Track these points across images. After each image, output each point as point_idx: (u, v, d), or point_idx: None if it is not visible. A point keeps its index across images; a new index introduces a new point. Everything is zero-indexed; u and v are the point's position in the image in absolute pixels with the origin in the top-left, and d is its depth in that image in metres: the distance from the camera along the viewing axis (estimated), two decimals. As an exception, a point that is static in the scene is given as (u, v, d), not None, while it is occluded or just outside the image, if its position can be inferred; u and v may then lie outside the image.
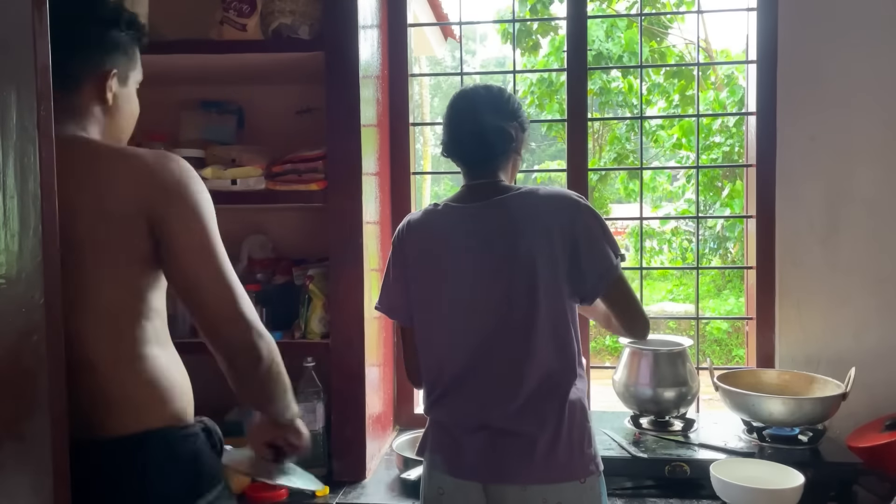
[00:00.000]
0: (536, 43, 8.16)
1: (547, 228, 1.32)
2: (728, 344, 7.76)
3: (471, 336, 1.35)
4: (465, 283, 1.35)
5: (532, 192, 1.37)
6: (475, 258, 1.35)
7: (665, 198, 9.83)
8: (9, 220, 0.74)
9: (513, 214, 1.34)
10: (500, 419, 1.31)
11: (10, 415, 0.76)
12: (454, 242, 1.37)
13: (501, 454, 1.30)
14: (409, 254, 1.42)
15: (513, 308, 1.32)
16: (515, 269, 1.32)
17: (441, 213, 1.41)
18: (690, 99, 7.65)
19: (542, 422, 1.30)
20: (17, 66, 0.78)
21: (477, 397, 1.34)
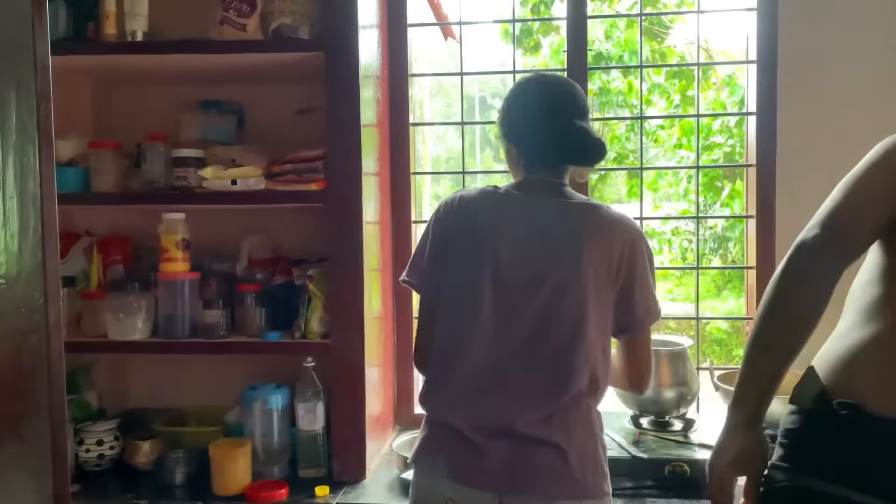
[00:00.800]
0: (538, 43, 8.16)
1: (611, 248, 1.29)
2: (728, 344, 7.75)
3: (507, 335, 1.28)
4: (515, 277, 1.28)
5: (598, 206, 1.34)
6: (528, 254, 1.29)
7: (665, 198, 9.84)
8: (9, 220, 0.74)
9: (579, 223, 1.30)
10: (527, 427, 1.24)
11: (10, 415, 0.76)
12: (510, 230, 1.30)
13: (527, 465, 1.23)
14: (453, 228, 1.34)
15: (559, 315, 1.26)
16: (572, 276, 1.27)
17: (499, 196, 1.35)
18: (691, 99, 7.65)
19: (570, 435, 1.25)
20: (17, 66, 0.78)
21: (503, 401, 1.26)
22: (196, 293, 1.88)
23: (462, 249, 1.32)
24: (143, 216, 2.05)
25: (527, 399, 1.26)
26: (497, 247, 1.29)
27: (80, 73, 2.04)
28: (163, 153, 1.88)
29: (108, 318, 1.85)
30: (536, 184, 1.36)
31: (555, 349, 1.26)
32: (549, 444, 1.24)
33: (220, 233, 2.05)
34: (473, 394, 1.28)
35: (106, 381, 2.12)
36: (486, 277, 1.29)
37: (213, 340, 1.85)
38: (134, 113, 2.10)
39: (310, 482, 1.75)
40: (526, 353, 1.27)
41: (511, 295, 1.28)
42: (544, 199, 1.33)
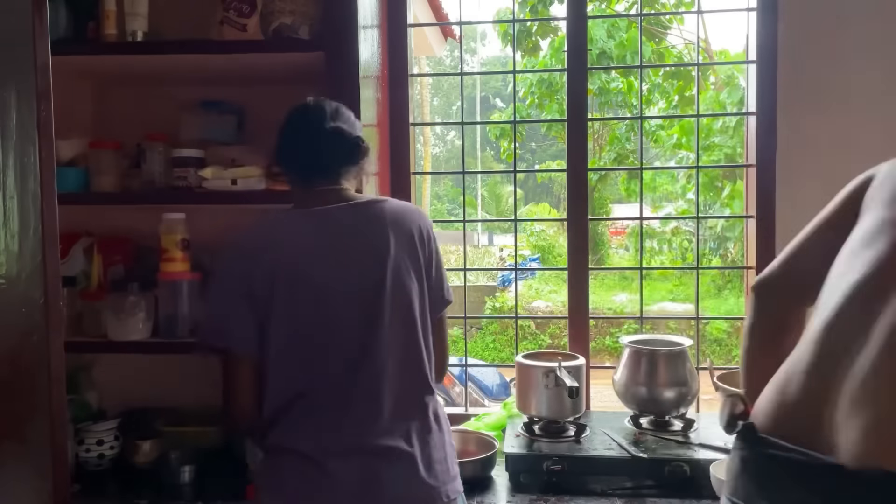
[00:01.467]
0: (536, 44, 8.17)
1: (412, 236, 1.32)
2: (728, 344, 7.76)
3: (335, 349, 1.27)
4: (326, 291, 1.27)
5: (386, 200, 1.37)
6: (334, 265, 1.28)
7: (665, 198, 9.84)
8: (9, 220, 0.74)
9: (375, 220, 1.32)
10: (374, 439, 1.24)
11: (11, 415, 0.76)
12: (305, 247, 1.29)
13: (381, 477, 1.23)
14: (253, 267, 1.28)
15: (377, 319, 1.27)
16: (378, 277, 1.28)
17: (287, 219, 1.34)
18: (690, 99, 7.66)
19: (417, 440, 1.26)
20: (17, 66, 0.78)
21: (344, 419, 1.26)
22: (196, 293, 1.88)
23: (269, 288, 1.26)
24: (143, 216, 2.05)
25: (369, 412, 1.26)
26: (301, 271, 1.27)
27: (80, 73, 2.03)
28: (163, 153, 1.88)
29: (108, 318, 1.85)
30: (317, 195, 1.36)
31: (379, 356, 1.27)
32: (397, 452, 1.25)
33: (220, 233, 2.04)
34: (317, 418, 1.26)
35: (106, 381, 2.12)
36: (300, 306, 1.26)
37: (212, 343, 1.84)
38: (134, 113, 2.10)
39: (310, 482, 1.75)
40: (361, 366, 1.27)
41: (328, 314, 1.27)
42: (329, 207, 1.33)
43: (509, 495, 1.68)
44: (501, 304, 9.01)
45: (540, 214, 14.34)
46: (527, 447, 1.78)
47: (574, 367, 1.85)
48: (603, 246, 11.59)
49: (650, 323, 7.73)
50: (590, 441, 1.81)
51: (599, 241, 11.42)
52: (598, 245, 11.28)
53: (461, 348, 2.70)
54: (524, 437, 1.84)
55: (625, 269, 11.92)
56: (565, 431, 1.87)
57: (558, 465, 1.69)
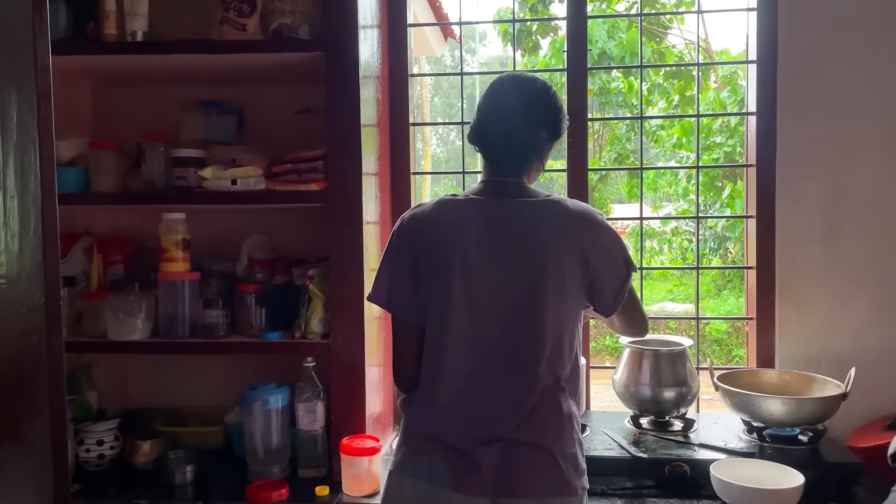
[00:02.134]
0: (536, 44, 8.17)
1: (572, 244, 1.30)
2: (728, 344, 7.76)
3: (483, 342, 1.30)
4: (485, 284, 1.30)
5: (560, 202, 1.34)
6: (494, 257, 1.30)
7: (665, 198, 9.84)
8: (9, 220, 0.74)
9: (539, 221, 1.31)
10: (513, 431, 1.27)
11: (10, 415, 0.76)
12: (472, 235, 1.31)
13: (516, 467, 1.26)
14: (420, 242, 1.34)
15: (527, 315, 1.28)
16: (540, 276, 1.28)
17: (459, 203, 1.35)
18: (691, 99, 7.66)
19: (551, 434, 1.28)
20: (17, 66, 0.78)
21: (487, 407, 1.29)
22: (196, 293, 1.88)
23: (431, 263, 1.32)
24: (143, 216, 2.05)
25: (507, 403, 1.28)
26: (465, 256, 1.30)
27: (80, 73, 2.04)
28: (163, 153, 1.88)
29: (108, 318, 1.85)
30: (497, 185, 1.36)
31: (522, 351, 1.29)
32: (534, 445, 1.27)
33: (220, 233, 2.05)
34: (461, 403, 1.30)
35: (106, 381, 2.12)
36: (458, 288, 1.30)
37: (213, 340, 1.85)
38: (134, 113, 2.10)
39: (310, 482, 1.75)
40: (502, 357, 1.30)
41: (483, 302, 1.30)
42: (506, 200, 1.34)
43: (509, 495, 1.67)
44: (501, 304, 8.96)
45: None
46: (527, 447, 1.78)
47: (574, 367, 1.85)
48: (603, 246, 11.56)
49: (650, 323, 7.71)
50: (590, 441, 1.81)
51: (599, 241, 11.39)
52: (598, 245, 11.25)
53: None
54: (524, 437, 1.84)
55: (625, 269, 11.90)
56: (565, 431, 1.87)
57: (558, 465, 1.69)
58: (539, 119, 1.36)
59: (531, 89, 1.38)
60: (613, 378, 1.98)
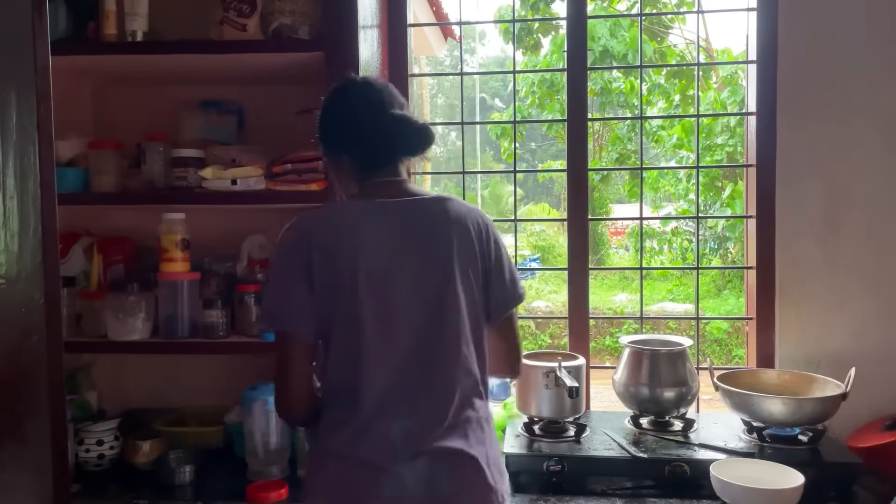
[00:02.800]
0: (538, 42, 8.17)
1: (473, 237, 1.27)
2: (728, 344, 7.76)
3: (396, 349, 1.23)
4: (390, 292, 1.23)
5: (452, 198, 1.31)
6: (400, 260, 1.24)
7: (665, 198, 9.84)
8: (9, 220, 0.74)
9: (437, 219, 1.27)
10: (436, 441, 1.21)
11: (10, 415, 0.76)
12: (372, 239, 1.24)
13: (444, 478, 1.20)
14: (315, 252, 1.23)
15: (438, 320, 1.23)
16: (445, 277, 1.24)
17: (353, 207, 1.31)
18: (691, 99, 7.66)
19: (471, 440, 1.23)
20: (17, 66, 0.78)
21: (408, 420, 1.21)
22: (196, 293, 1.88)
23: (330, 274, 1.23)
24: (143, 216, 2.05)
25: (428, 413, 1.22)
26: (368, 262, 1.23)
27: (80, 73, 2.04)
28: (163, 153, 1.88)
29: (108, 318, 1.85)
30: (380, 187, 1.31)
31: (439, 356, 1.24)
32: (459, 453, 1.21)
33: (220, 233, 2.05)
34: (380, 419, 1.21)
35: (106, 381, 2.12)
36: (361, 299, 1.22)
37: (213, 340, 1.85)
38: (134, 113, 2.10)
39: (310, 482, 1.75)
40: (418, 365, 1.24)
41: (390, 311, 1.23)
42: (395, 200, 1.28)
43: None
44: (501, 304, 8.96)
45: (540, 214, 14.34)
46: (527, 447, 1.78)
47: (574, 367, 1.85)
48: (603, 246, 11.59)
49: (650, 323, 7.73)
50: (590, 441, 1.81)
51: (599, 241, 11.41)
52: (598, 245, 11.28)
53: (461, 348, 2.70)
54: (524, 437, 1.84)
55: (625, 269, 11.91)
56: (565, 431, 1.88)
57: (558, 465, 1.69)
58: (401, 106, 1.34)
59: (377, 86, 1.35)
60: (613, 378, 1.98)
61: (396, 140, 1.32)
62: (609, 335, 7.94)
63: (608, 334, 8.01)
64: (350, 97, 1.34)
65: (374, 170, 1.33)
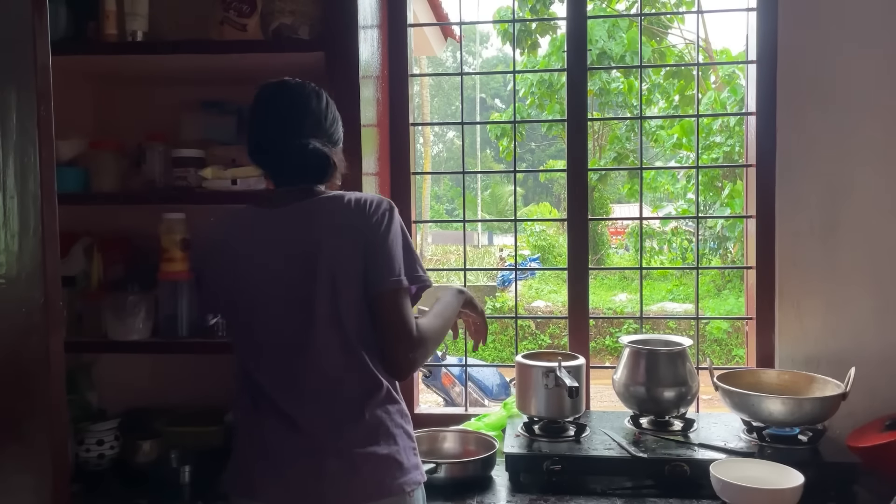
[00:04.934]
0: (535, 42, 8.17)
1: (355, 228, 1.28)
2: (728, 344, 7.76)
3: (277, 349, 1.30)
4: (268, 287, 1.30)
5: (339, 195, 1.33)
6: (275, 259, 1.30)
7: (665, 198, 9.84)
8: (9, 220, 0.74)
9: (318, 219, 1.30)
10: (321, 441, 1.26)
11: (10, 415, 0.76)
12: (255, 243, 1.33)
13: (323, 474, 1.25)
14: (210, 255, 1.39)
15: (313, 312, 1.26)
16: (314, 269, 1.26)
17: (247, 215, 1.37)
18: (690, 99, 7.66)
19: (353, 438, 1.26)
20: (17, 66, 0.78)
21: (292, 419, 1.27)
22: (196, 293, 1.88)
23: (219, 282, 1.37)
24: (143, 216, 2.04)
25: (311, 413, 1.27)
26: (248, 261, 1.32)
27: (80, 73, 2.03)
28: (163, 153, 1.88)
29: (108, 318, 1.85)
30: (285, 193, 1.37)
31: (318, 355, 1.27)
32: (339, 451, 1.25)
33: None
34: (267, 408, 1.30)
35: (106, 381, 2.12)
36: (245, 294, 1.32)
37: (213, 340, 1.85)
38: (134, 113, 2.10)
39: (310, 482, 1.75)
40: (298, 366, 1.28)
41: (270, 305, 1.30)
42: (291, 204, 1.33)
43: (509, 495, 1.68)
44: (501, 304, 9.01)
45: (540, 214, 14.34)
46: (527, 447, 1.78)
47: (574, 367, 1.85)
48: (603, 246, 11.59)
49: (650, 323, 7.73)
50: (590, 441, 1.81)
51: (599, 241, 11.42)
52: (598, 245, 11.28)
53: (461, 348, 2.70)
54: (524, 437, 1.84)
55: (625, 269, 11.92)
56: (565, 431, 1.88)
57: (558, 465, 1.69)
58: (308, 129, 1.34)
59: (298, 96, 1.36)
60: (613, 378, 1.98)
61: (295, 169, 1.36)
62: (609, 335, 7.94)
63: (608, 334, 8.01)
64: (268, 111, 1.37)
65: (281, 183, 1.39)
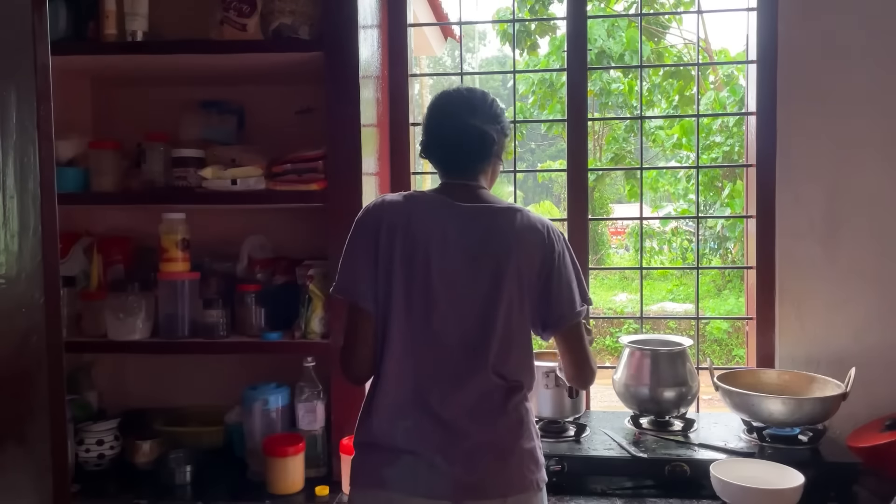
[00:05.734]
0: (535, 43, 8.17)
1: (535, 250, 1.32)
2: (728, 344, 7.76)
3: (439, 339, 1.30)
4: (445, 286, 1.30)
5: (522, 211, 1.36)
6: (458, 257, 1.31)
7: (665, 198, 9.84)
8: (9, 220, 0.74)
9: (503, 229, 1.33)
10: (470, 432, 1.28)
11: (10, 415, 0.76)
12: (441, 237, 1.32)
13: (477, 468, 1.27)
14: (385, 232, 1.32)
15: (483, 316, 1.30)
16: (497, 282, 1.30)
17: (425, 202, 1.36)
18: (690, 99, 7.65)
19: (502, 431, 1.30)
20: (17, 66, 0.78)
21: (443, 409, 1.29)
22: (196, 293, 1.88)
23: (393, 255, 1.31)
24: (143, 216, 2.05)
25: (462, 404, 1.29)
26: (429, 253, 1.31)
27: (80, 73, 2.04)
28: (163, 153, 1.88)
29: (108, 318, 1.85)
30: (456, 188, 1.38)
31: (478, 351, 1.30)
32: (493, 446, 1.29)
33: (220, 233, 2.05)
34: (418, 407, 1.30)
35: (106, 381, 2.12)
36: (421, 287, 1.30)
37: (213, 340, 1.85)
38: (134, 113, 2.10)
39: (310, 482, 1.75)
40: (456, 358, 1.30)
41: (441, 300, 1.30)
42: (467, 204, 1.35)
43: (509, 495, 1.67)
44: (501, 304, 8.97)
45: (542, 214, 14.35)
46: (527, 447, 1.78)
47: (574, 367, 1.85)
48: (603, 246, 11.59)
49: (650, 323, 7.73)
50: (590, 441, 1.81)
51: (599, 241, 11.41)
52: (598, 245, 11.28)
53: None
54: (524, 437, 1.84)
55: (625, 269, 11.92)
56: (565, 431, 1.87)
57: (558, 465, 1.69)
58: (485, 116, 1.38)
59: (470, 95, 1.41)
60: (613, 378, 1.98)
61: (462, 148, 1.38)
62: (609, 335, 7.94)
63: (608, 334, 8.01)
64: (435, 106, 1.42)
65: (449, 172, 1.40)
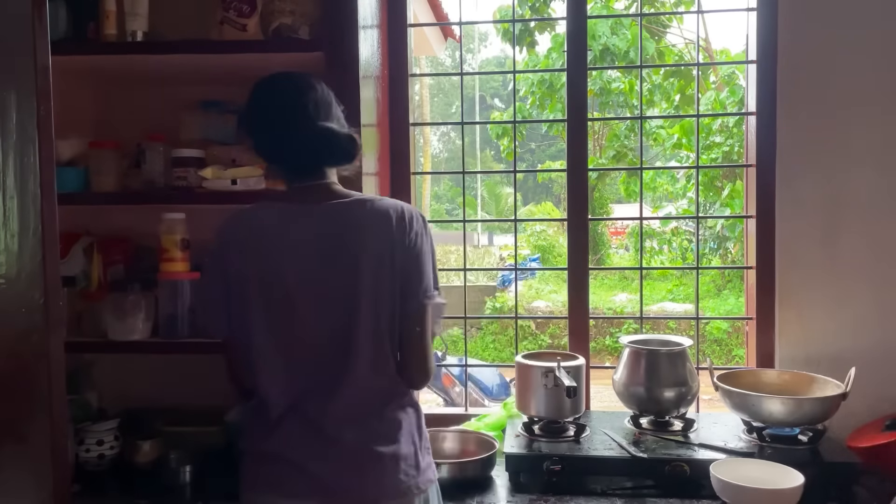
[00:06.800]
0: (534, 41, 8.17)
1: (385, 239, 1.29)
2: (728, 344, 7.76)
3: (310, 349, 1.30)
4: (305, 291, 1.29)
5: (373, 199, 1.33)
6: (318, 264, 1.29)
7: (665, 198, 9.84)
8: (9, 220, 0.74)
9: (354, 222, 1.30)
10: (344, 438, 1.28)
11: (10, 415, 0.76)
12: (293, 244, 1.30)
13: (344, 474, 1.27)
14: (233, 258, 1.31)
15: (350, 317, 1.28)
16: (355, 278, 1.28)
17: (277, 211, 1.33)
18: (690, 98, 7.66)
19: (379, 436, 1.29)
20: (17, 66, 0.78)
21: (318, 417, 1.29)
22: (196, 293, 1.87)
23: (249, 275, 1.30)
24: (143, 216, 2.05)
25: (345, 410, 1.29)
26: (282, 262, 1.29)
27: (80, 73, 2.03)
28: (163, 153, 1.88)
29: (108, 318, 1.85)
30: (305, 191, 1.34)
31: (356, 354, 1.28)
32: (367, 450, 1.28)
33: (220, 233, 2.04)
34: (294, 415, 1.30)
35: (106, 381, 2.12)
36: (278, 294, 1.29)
37: (213, 340, 1.84)
38: (134, 113, 2.10)
39: (310, 482, 1.75)
40: (328, 366, 1.29)
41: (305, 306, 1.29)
42: (317, 206, 1.32)
43: (509, 495, 1.68)
44: (501, 304, 9.01)
45: (542, 214, 14.34)
46: (527, 447, 1.78)
47: (574, 367, 1.85)
48: (603, 246, 11.59)
49: (650, 323, 7.73)
50: (590, 441, 1.81)
51: (599, 241, 11.42)
52: (598, 245, 11.28)
53: (461, 348, 2.71)
54: (524, 437, 1.84)
55: (625, 269, 11.92)
56: (565, 431, 1.88)
57: (558, 465, 1.69)
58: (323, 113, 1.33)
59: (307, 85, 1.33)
60: (613, 378, 1.98)
61: (319, 153, 1.33)
62: (609, 335, 7.94)
63: (608, 334, 8.01)
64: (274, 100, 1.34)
65: (299, 177, 1.36)
